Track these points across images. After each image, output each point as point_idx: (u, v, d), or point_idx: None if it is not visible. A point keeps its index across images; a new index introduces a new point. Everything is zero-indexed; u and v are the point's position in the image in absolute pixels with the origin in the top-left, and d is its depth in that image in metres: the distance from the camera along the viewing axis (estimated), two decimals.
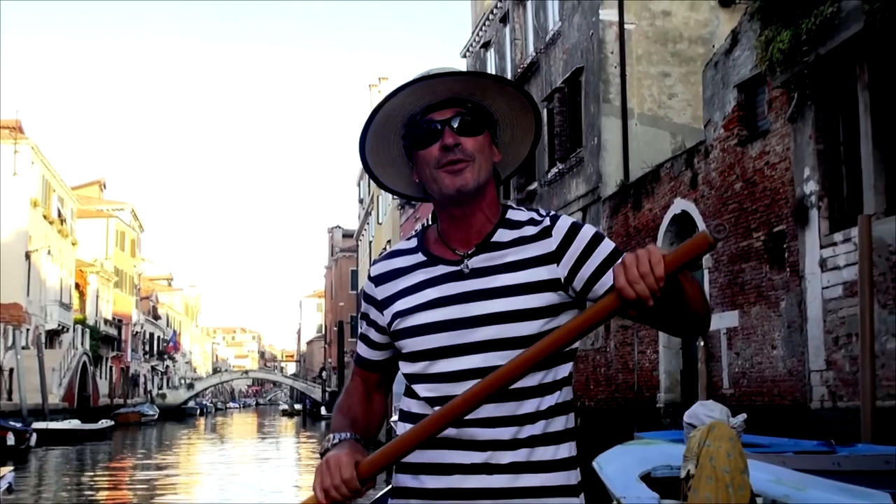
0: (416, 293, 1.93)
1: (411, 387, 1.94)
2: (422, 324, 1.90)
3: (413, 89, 1.89)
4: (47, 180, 48.51)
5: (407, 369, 1.94)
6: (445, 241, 1.97)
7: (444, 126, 1.90)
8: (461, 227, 1.95)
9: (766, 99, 13.95)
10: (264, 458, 28.29)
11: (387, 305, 1.98)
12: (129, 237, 72.02)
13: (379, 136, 1.97)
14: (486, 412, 1.79)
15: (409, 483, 1.90)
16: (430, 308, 1.90)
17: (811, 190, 12.78)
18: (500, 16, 27.80)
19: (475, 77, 1.93)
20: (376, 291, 2.01)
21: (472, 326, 1.86)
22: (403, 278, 1.98)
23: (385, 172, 2.05)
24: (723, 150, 15.07)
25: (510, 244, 1.92)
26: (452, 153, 1.88)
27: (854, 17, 10.95)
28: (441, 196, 1.92)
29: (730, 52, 15.01)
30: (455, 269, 1.92)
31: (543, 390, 1.86)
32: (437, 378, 1.87)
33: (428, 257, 1.97)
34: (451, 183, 1.88)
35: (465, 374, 1.82)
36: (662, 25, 20.51)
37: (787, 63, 12.45)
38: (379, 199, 53.83)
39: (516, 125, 2.01)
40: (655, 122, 20.17)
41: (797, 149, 13.07)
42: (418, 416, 1.87)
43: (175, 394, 74.64)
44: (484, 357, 1.83)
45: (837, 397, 12.17)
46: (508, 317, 1.84)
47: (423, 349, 1.89)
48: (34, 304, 45.36)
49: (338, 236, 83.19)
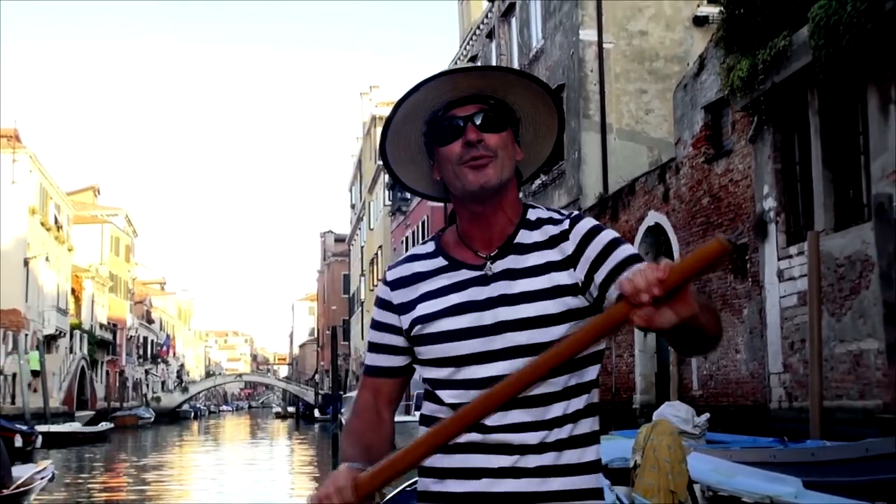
0: (439, 298, 1.91)
1: (434, 392, 1.92)
2: (447, 330, 1.87)
3: (435, 84, 1.87)
4: (44, 188, 49.36)
5: (431, 374, 1.91)
6: (466, 241, 1.95)
7: (467, 122, 1.88)
8: (482, 227, 1.93)
9: (730, 121, 15.01)
10: (262, 458, 29.25)
11: (405, 310, 1.95)
12: (123, 242, 72.82)
13: (400, 134, 1.95)
14: (512, 417, 1.80)
15: (433, 487, 1.88)
16: (454, 314, 1.88)
17: (770, 206, 13.82)
18: (487, 31, 28.82)
19: (499, 72, 1.91)
20: (392, 296, 1.99)
21: (498, 333, 1.84)
22: (423, 283, 1.95)
23: (405, 170, 2.02)
24: (692, 166, 16.12)
25: (532, 247, 1.90)
26: (475, 149, 1.86)
27: (803, 50, 11.97)
28: (463, 193, 1.90)
29: (698, 75, 16.06)
30: (478, 273, 1.90)
31: (570, 393, 1.84)
32: (463, 384, 1.85)
33: (449, 261, 1.95)
34: (475, 179, 1.86)
35: (492, 380, 1.75)
36: (639, 45, 21.55)
37: (746, 89, 13.49)
38: (370, 205, 54.71)
39: (539, 123, 1.99)
40: (633, 137, 21.20)
41: (757, 167, 14.12)
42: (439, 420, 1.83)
43: (170, 397, 75.50)
44: (511, 363, 1.80)
45: (793, 398, 13.21)
46: (534, 322, 1.83)
47: (449, 356, 1.87)
48: (32, 310, 46.22)
49: (330, 241, 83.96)
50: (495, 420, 1.78)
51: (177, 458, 29.72)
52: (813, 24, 11.43)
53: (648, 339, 18.02)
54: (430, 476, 1.88)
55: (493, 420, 1.77)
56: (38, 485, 12.41)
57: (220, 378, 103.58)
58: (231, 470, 24.67)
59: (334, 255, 79.81)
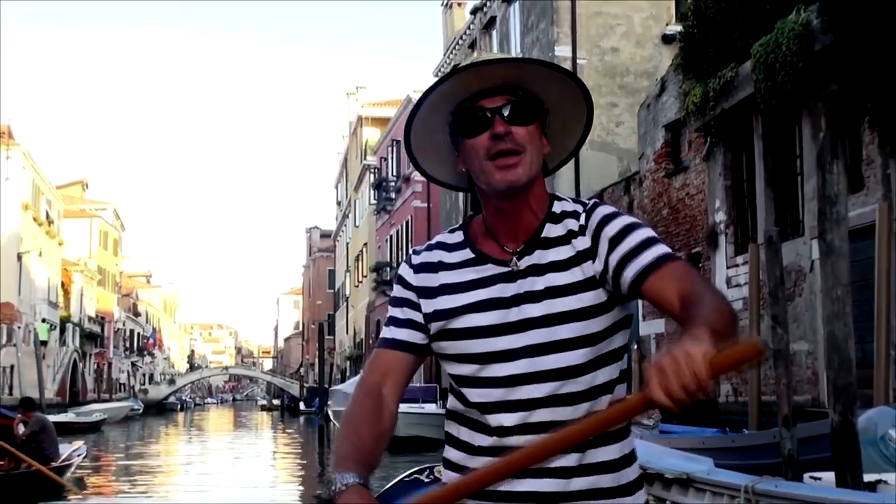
0: (466, 292, 1.88)
1: (459, 390, 1.89)
2: (473, 326, 1.84)
3: (465, 75, 1.83)
4: (37, 184, 50.44)
5: (454, 370, 1.89)
6: (492, 234, 1.90)
7: (495, 114, 1.83)
8: (508, 221, 1.88)
9: (687, 140, 16.43)
10: (252, 448, 30.55)
11: (426, 295, 1.92)
12: (111, 236, 73.81)
13: (425, 123, 1.91)
14: (538, 416, 1.78)
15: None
16: (481, 310, 1.85)
17: (721, 219, 15.25)
18: (469, 42, 30.14)
19: (530, 64, 1.86)
20: (414, 278, 1.95)
21: (523, 330, 1.81)
22: (449, 273, 1.92)
23: (429, 160, 1.98)
24: (653, 180, 17.54)
25: (556, 241, 1.86)
26: (503, 142, 1.81)
27: (748, 81, 13.39)
28: (490, 189, 1.85)
29: (659, 96, 17.47)
30: (505, 269, 1.87)
31: (594, 394, 1.80)
32: (487, 382, 1.82)
33: (476, 254, 1.91)
34: (503, 178, 1.81)
35: (515, 378, 1.78)
36: (611, 61, 22.95)
37: (699, 112, 14.92)
38: (356, 203, 55.94)
39: (567, 115, 1.94)
40: (604, 148, 22.60)
41: (710, 183, 15.54)
42: (466, 418, 1.88)
43: (157, 389, 76.56)
44: (530, 361, 1.79)
45: (738, 393, 14.65)
46: (557, 319, 1.80)
47: (473, 352, 1.84)
48: (24, 303, 47.35)
49: (315, 237, 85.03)
50: (518, 420, 1.78)
51: (178, 446, 31.14)
52: (755, 60, 12.86)
53: None
54: (456, 471, 1.88)
55: (515, 420, 1.78)
56: (76, 461, 15.20)
57: (206, 371, 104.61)
58: (227, 457, 26.00)
59: (320, 251, 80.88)
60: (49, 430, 14.17)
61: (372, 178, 47.89)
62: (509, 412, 1.79)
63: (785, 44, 12.17)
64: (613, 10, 23.06)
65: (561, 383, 1.77)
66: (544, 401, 1.77)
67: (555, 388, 1.77)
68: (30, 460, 13.13)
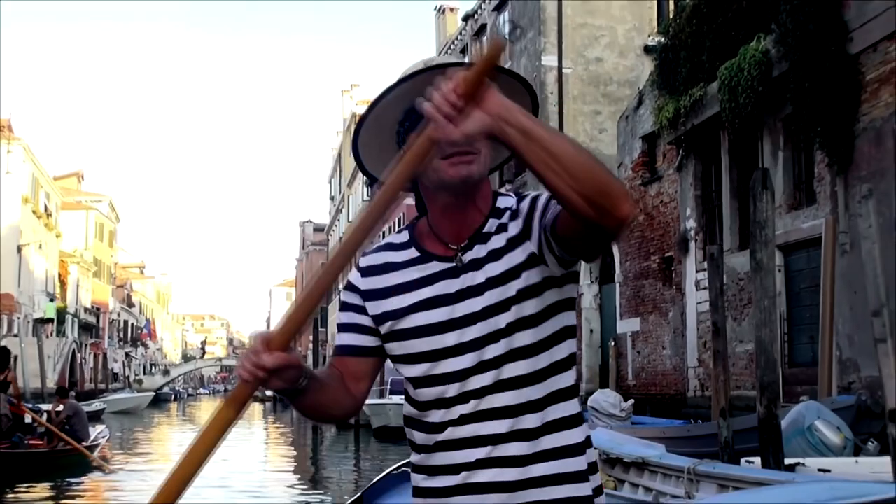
0: (411, 292, 1.88)
1: (415, 391, 1.89)
2: (421, 325, 1.85)
3: (419, 78, 1.82)
4: (36, 177, 51.38)
5: (408, 372, 1.89)
6: (437, 233, 1.91)
7: None
8: (453, 219, 1.88)
9: (662, 151, 17.56)
10: (253, 437, 31.65)
11: (373, 297, 1.91)
12: (107, 228, 74.61)
13: (378, 121, 1.90)
14: (487, 402, 1.79)
15: (423, 483, 1.89)
16: (426, 308, 1.85)
17: (691, 226, 16.40)
18: (461, 47, 31.23)
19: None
20: (361, 282, 1.94)
21: (470, 324, 1.81)
22: (395, 273, 1.91)
23: (372, 157, 1.97)
24: (631, 188, 18.66)
25: (494, 232, 1.86)
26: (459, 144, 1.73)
27: (715, 100, 14.51)
28: (441, 185, 1.84)
29: (637, 108, 18.61)
30: (448, 265, 1.87)
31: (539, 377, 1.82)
32: (441, 379, 1.82)
33: (421, 253, 1.91)
34: (456, 173, 1.80)
35: (468, 371, 1.80)
36: (595, 70, 24.10)
37: (671, 127, 16.06)
38: (350, 199, 56.97)
39: None
40: None
41: (682, 193, 16.68)
42: (419, 422, 1.89)
43: (151, 380, 77.42)
44: (483, 351, 1.79)
45: (705, 387, 15.80)
46: (496, 309, 1.80)
47: (423, 350, 1.84)
48: (24, 294, 48.36)
49: (309, 230, 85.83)
50: (471, 408, 1.79)
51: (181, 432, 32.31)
52: (720, 82, 13.99)
53: (594, 336, 20.61)
54: (420, 473, 1.90)
55: (469, 409, 1.79)
56: (101, 442, 17.52)
57: (200, 362, 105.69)
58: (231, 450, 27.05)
59: (313, 245, 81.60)
60: (81, 415, 16.61)
61: (365, 176, 48.86)
62: (464, 403, 1.80)
63: (747, 69, 13.30)
64: (598, 21, 24.21)
65: (504, 367, 1.79)
66: (491, 387, 1.79)
67: (497, 374, 1.79)
68: (69, 439, 15.55)
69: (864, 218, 5.64)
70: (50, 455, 15.55)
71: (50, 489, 14.29)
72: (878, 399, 11.35)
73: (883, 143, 11.29)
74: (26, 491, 13.95)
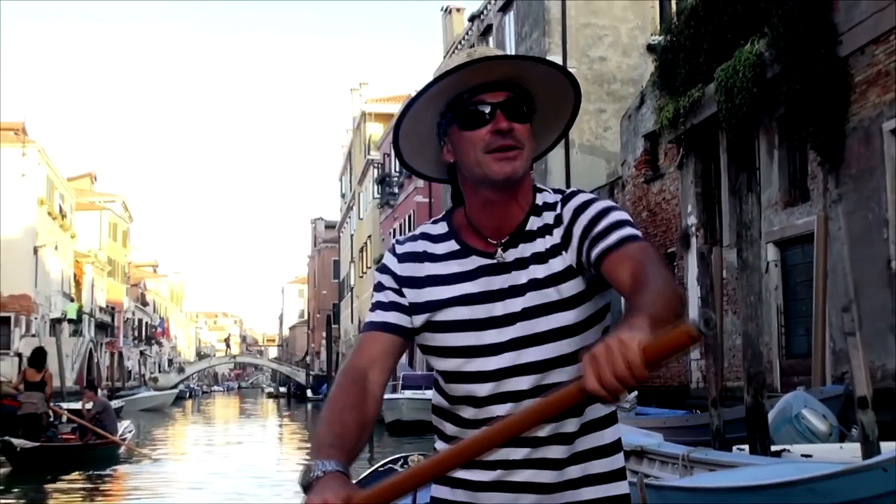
0: (451, 285, 1.86)
1: (446, 385, 1.88)
2: (459, 319, 1.83)
3: (466, 71, 1.80)
4: (50, 179, 52.06)
5: (440, 366, 1.89)
6: (476, 227, 1.89)
7: (496, 109, 1.81)
8: (494, 215, 1.87)
9: (663, 149, 18.04)
10: (269, 431, 32.21)
11: (411, 285, 1.90)
12: (120, 228, 75.32)
13: (418, 112, 1.87)
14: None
15: (456, 473, 1.82)
16: (466, 303, 1.84)
17: (692, 222, 16.87)
18: (468, 46, 31.60)
19: (531, 62, 1.85)
20: (398, 267, 1.93)
21: (505, 325, 1.81)
22: (433, 264, 1.90)
23: (409, 150, 1.96)
24: (634, 185, 19.17)
25: (536, 234, 1.86)
26: (504, 138, 1.79)
27: (713, 101, 14.98)
28: (484, 180, 1.82)
29: (639, 108, 19.08)
30: (489, 261, 1.86)
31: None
32: (475, 377, 1.82)
33: (461, 246, 1.90)
34: (501, 170, 1.79)
35: (500, 372, 1.79)
36: (599, 69, 24.54)
37: (672, 126, 16.53)
38: (360, 196, 57.48)
39: (549, 115, 1.94)
40: (593, 151, 24.21)
41: (683, 190, 17.17)
42: (451, 414, 1.88)
43: (167, 377, 78.15)
44: (518, 354, 1.79)
45: (706, 379, 16.25)
46: (537, 311, 1.80)
47: (458, 345, 1.83)
48: (40, 295, 49.08)
49: (320, 227, 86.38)
50: (508, 411, 1.76)
51: (198, 427, 32.91)
52: (717, 83, 14.45)
53: None
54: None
55: (506, 411, 1.76)
56: (128, 436, 18.87)
57: (214, 359, 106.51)
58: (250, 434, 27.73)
59: (325, 242, 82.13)
60: (110, 411, 18.10)
61: (375, 174, 49.42)
62: (501, 404, 1.79)
63: (742, 70, 13.77)
64: (601, 21, 24.65)
65: (545, 374, 1.78)
66: (531, 392, 1.76)
67: (539, 379, 1.78)
68: (103, 433, 17.00)
69: (833, 221, 6.12)
70: (83, 448, 17.06)
71: (83, 479, 15.53)
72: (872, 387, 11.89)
73: (871, 142, 11.77)
74: (61, 481, 15.22)
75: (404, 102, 1.92)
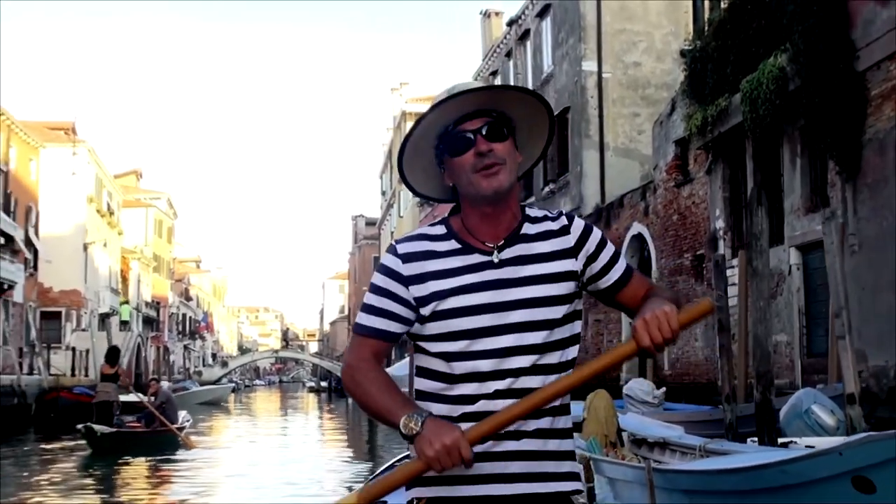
0: (455, 277, 2.09)
1: (449, 364, 2.09)
2: (464, 306, 2.06)
3: (446, 105, 2.08)
4: (99, 177, 53.46)
5: (443, 348, 2.09)
6: (474, 234, 2.14)
7: (476, 134, 2.09)
8: (491, 224, 2.13)
9: (693, 155, 18.70)
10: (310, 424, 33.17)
11: (414, 282, 2.11)
12: (165, 225, 76.81)
13: (414, 148, 2.16)
14: (519, 384, 2.05)
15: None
16: (469, 291, 2.07)
17: (720, 226, 17.54)
18: (506, 51, 32.41)
19: (499, 90, 2.14)
20: (402, 268, 2.13)
21: (508, 310, 2.06)
22: (436, 261, 2.12)
23: (417, 178, 2.24)
24: (665, 189, 19.85)
25: (537, 237, 2.15)
26: (486, 158, 2.07)
27: (738, 110, 15.63)
28: (478, 197, 2.10)
29: (670, 115, 19.75)
30: (489, 258, 2.10)
31: (564, 367, 2.10)
32: (480, 355, 2.05)
33: (462, 244, 2.13)
34: (488, 185, 2.07)
35: (503, 351, 2.04)
36: (633, 74, 25.21)
37: (700, 133, 17.20)
38: (400, 194, 58.21)
39: (531, 128, 2.20)
40: (627, 154, 24.90)
41: (711, 194, 17.83)
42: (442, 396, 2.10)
43: (210, 371, 79.57)
44: (518, 336, 2.05)
45: (733, 377, 16.94)
46: (538, 302, 2.07)
47: (465, 329, 2.06)
48: (90, 290, 50.52)
49: (361, 224, 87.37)
50: (507, 385, 2.05)
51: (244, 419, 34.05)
52: (742, 94, 15.12)
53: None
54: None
55: (506, 385, 2.05)
56: (187, 425, 20.65)
57: (257, 354, 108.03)
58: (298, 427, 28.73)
59: (365, 238, 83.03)
60: (172, 401, 20.06)
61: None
62: (500, 380, 2.04)
63: (766, 83, 14.42)
64: (636, 27, 25.31)
65: (541, 356, 2.06)
66: (529, 370, 2.04)
67: (537, 360, 2.05)
68: (166, 421, 18.79)
69: (826, 237, 6.85)
70: (150, 434, 19.03)
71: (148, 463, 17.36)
72: (883, 385, 12.55)
73: (885, 153, 12.42)
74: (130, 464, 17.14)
75: (402, 141, 2.18)
